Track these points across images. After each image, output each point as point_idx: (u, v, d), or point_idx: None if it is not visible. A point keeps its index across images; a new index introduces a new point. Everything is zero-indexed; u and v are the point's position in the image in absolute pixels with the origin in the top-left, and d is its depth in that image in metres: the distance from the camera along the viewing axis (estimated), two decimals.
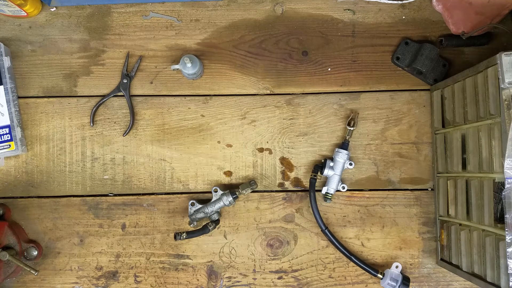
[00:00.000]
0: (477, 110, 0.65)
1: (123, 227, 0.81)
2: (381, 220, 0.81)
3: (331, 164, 0.79)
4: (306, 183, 0.82)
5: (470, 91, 0.67)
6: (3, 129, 0.78)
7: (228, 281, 0.81)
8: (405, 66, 0.81)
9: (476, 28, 0.77)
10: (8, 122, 0.78)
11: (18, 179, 0.82)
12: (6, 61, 0.79)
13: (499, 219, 0.62)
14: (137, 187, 0.82)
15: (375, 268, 0.78)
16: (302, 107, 0.82)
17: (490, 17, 0.77)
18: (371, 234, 0.81)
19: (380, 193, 0.82)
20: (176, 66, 0.78)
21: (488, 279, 0.62)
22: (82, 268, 0.81)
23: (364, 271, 0.79)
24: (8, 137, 0.78)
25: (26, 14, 0.80)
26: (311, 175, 0.79)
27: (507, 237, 0.56)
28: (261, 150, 0.82)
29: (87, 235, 0.81)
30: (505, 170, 0.56)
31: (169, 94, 0.83)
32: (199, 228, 0.77)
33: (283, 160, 0.82)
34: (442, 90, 0.77)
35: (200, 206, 0.78)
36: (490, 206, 0.62)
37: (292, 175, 0.82)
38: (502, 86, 0.58)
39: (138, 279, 0.81)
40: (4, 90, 0.78)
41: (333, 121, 0.82)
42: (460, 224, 0.71)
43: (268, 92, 0.83)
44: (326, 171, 0.78)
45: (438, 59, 0.80)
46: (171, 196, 0.82)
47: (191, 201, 0.78)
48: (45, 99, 0.82)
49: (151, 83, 0.83)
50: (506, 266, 0.56)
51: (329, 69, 0.82)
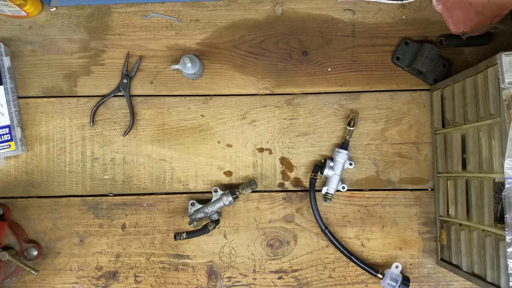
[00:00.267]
0: (477, 110, 0.65)
1: (123, 227, 0.81)
2: (381, 220, 0.81)
3: (331, 164, 0.79)
4: (306, 183, 0.82)
5: (470, 91, 0.67)
6: (3, 129, 0.78)
7: (228, 281, 0.81)
8: (405, 66, 0.81)
9: (476, 28, 0.77)
10: (8, 122, 0.78)
11: (18, 179, 0.82)
12: (6, 61, 0.79)
13: (499, 219, 0.62)
14: (137, 187, 0.82)
15: (375, 268, 0.78)
16: (302, 107, 0.82)
17: (490, 17, 0.77)
18: (371, 234, 0.81)
19: (380, 193, 0.82)
20: (176, 66, 0.78)
21: (488, 279, 0.62)
22: (82, 268, 0.81)
23: (364, 271, 0.79)
24: (8, 137, 0.78)
25: (26, 14, 0.80)
26: (311, 175, 0.79)
27: (507, 237, 0.56)
28: (261, 150, 0.82)
29: (87, 235, 0.81)
30: (505, 170, 0.56)
31: (169, 94, 0.83)
32: (199, 228, 0.77)
33: (283, 160, 0.82)
34: (442, 90, 0.77)
35: (200, 206, 0.78)
36: (490, 206, 0.62)
37: (292, 175, 0.82)
38: (502, 86, 0.58)
39: (138, 279, 0.81)
40: (4, 90, 0.78)
41: (333, 121, 0.82)
42: (460, 224, 0.71)
43: (268, 92, 0.83)
44: (326, 171, 0.78)
45: (438, 59, 0.80)
46: (171, 196, 0.82)
47: (191, 201, 0.78)
48: (45, 99, 0.82)
49: (151, 83, 0.83)
50: (506, 266, 0.56)
51: (329, 69, 0.82)
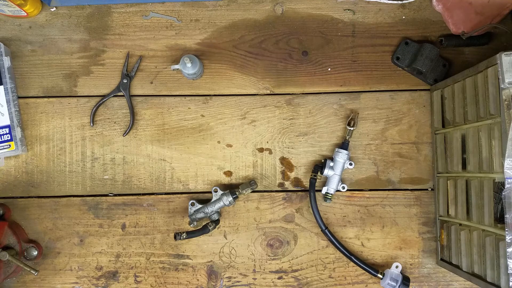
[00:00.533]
0: (477, 110, 0.65)
1: (123, 227, 0.81)
2: (381, 220, 0.81)
3: (331, 164, 0.79)
4: (306, 183, 0.82)
5: (470, 91, 0.67)
6: (3, 129, 0.78)
7: (228, 281, 0.81)
8: (405, 66, 0.81)
9: (476, 28, 0.77)
10: (8, 122, 0.78)
11: (18, 179, 0.82)
12: (6, 61, 0.79)
13: (499, 219, 0.62)
14: (137, 187, 0.82)
15: (375, 268, 0.78)
16: (302, 107, 0.82)
17: (490, 17, 0.77)
18: (371, 234, 0.81)
19: (380, 193, 0.82)
20: (176, 66, 0.78)
21: (488, 279, 0.62)
22: (82, 268, 0.81)
23: (364, 271, 0.79)
24: (8, 137, 0.78)
25: (26, 14, 0.80)
26: (311, 175, 0.79)
27: (507, 237, 0.56)
28: (261, 150, 0.82)
29: (87, 235, 0.81)
30: (505, 170, 0.56)
31: (169, 94, 0.83)
32: (199, 228, 0.77)
33: (283, 160, 0.82)
34: (442, 90, 0.77)
35: (200, 206, 0.78)
36: (490, 206, 0.62)
37: (292, 175, 0.82)
38: (502, 86, 0.58)
39: (138, 279, 0.81)
40: (4, 90, 0.78)
41: (333, 121, 0.82)
42: (460, 224, 0.71)
43: (268, 92, 0.83)
44: (326, 171, 0.78)
45: (438, 59, 0.80)
46: (171, 196, 0.82)
47: (191, 201, 0.78)
48: (45, 99, 0.82)
49: (151, 83, 0.83)
50: (506, 266, 0.56)
51: (329, 69, 0.82)
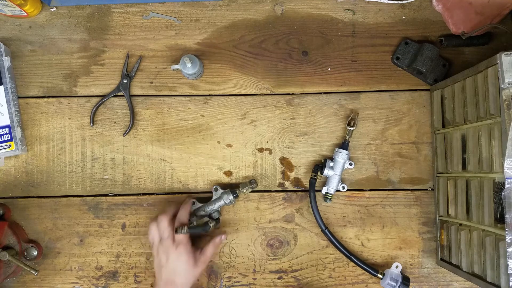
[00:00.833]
0: (477, 110, 0.65)
1: (123, 227, 0.81)
2: (381, 220, 0.81)
3: (331, 164, 0.79)
4: (306, 183, 0.82)
5: (470, 91, 0.67)
6: (3, 129, 0.78)
7: (228, 281, 0.81)
8: (405, 66, 0.81)
9: (476, 28, 0.77)
10: (8, 122, 0.78)
11: (18, 179, 0.82)
12: (6, 61, 0.79)
13: (499, 219, 0.62)
14: (137, 187, 0.82)
15: (375, 268, 0.78)
16: (302, 107, 0.82)
17: (490, 17, 0.77)
18: (371, 234, 0.81)
19: (380, 193, 0.82)
20: (176, 66, 0.78)
21: (488, 279, 0.62)
22: (82, 268, 0.81)
23: (364, 271, 0.79)
24: (8, 137, 0.78)
25: (26, 14, 0.80)
26: (311, 175, 0.79)
27: (507, 237, 0.56)
28: (261, 150, 0.82)
29: (87, 235, 0.81)
30: (505, 170, 0.56)
31: (169, 94, 0.83)
32: (199, 224, 0.76)
33: (283, 160, 0.82)
34: (442, 90, 0.77)
35: (201, 205, 0.77)
36: (490, 206, 0.62)
37: (292, 175, 0.82)
38: (502, 86, 0.58)
39: (138, 279, 0.81)
40: (4, 90, 0.78)
41: (333, 121, 0.82)
42: (460, 224, 0.71)
43: (268, 92, 0.83)
44: (326, 171, 0.78)
45: (438, 59, 0.80)
46: (171, 196, 0.82)
47: (192, 200, 0.78)
48: (45, 99, 0.82)
49: (151, 83, 0.83)
50: (506, 266, 0.56)
51: (329, 69, 0.82)
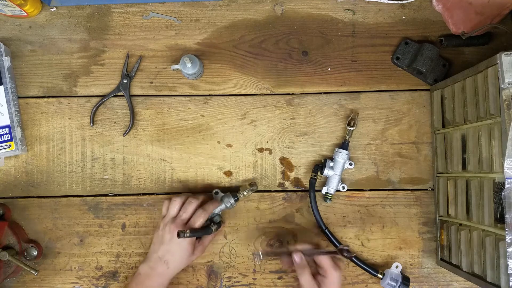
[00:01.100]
0: (477, 110, 0.65)
1: (123, 227, 0.81)
2: (381, 220, 0.81)
3: (331, 164, 0.79)
4: (306, 183, 0.82)
5: (470, 91, 0.67)
6: (3, 129, 0.78)
7: (228, 281, 0.81)
8: (405, 66, 0.81)
9: (476, 28, 0.77)
10: (8, 122, 0.78)
11: (18, 179, 0.82)
12: (6, 61, 0.79)
13: (499, 219, 0.62)
14: (137, 187, 0.82)
15: (375, 268, 0.78)
16: (302, 107, 0.82)
17: (490, 17, 0.77)
18: (371, 234, 0.81)
19: (380, 193, 0.82)
20: (176, 66, 0.78)
21: (488, 279, 0.62)
22: (82, 268, 0.81)
23: (364, 271, 0.79)
24: (8, 137, 0.78)
25: (26, 14, 0.80)
26: (311, 175, 0.79)
27: (507, 237, 0.56)
28: (261, 150, 0.82)
29: (87, 235, 0.81)
30: (505, 170, 0.56)
31: (169, 94, 0.83)
32: (202, 227, 0.75)
33: (283, 160, 0.82)
34: (442, 90, 0.77)
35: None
36: (490, 206, 0.62)
37: (292, 175, 0.82)
38: (502, 86, 0.58)
39: None
40: (4, 90, 0.78)
41: (333, 121, 0.82)
42: (460, 224, 0.71)
43: (268, 92, 0.83)
44: (326, 171, 0.78)
45: (438, 59, 0.80)
46: (171, 196, 0.81)
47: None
48: (45, 99, 0.82)
49: (151, 83, 0.83)
50: (506, 266, 0.56)
51: (329, 69, 0.82)
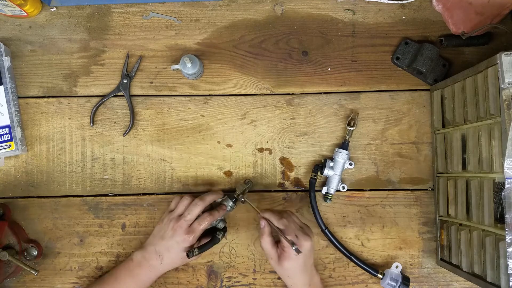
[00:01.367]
0: (477, 110, 0.65)
1: (123, 227, 0.81)
2: (381, 220, 0.81)
3: (331, 164, 0.79)
4: (306, 183, 0.82)
5: (470, 91, 0.67)
6: (3, 129, 0.78)
7: (228, 281, 0.81)
8: (405, 66, 0.81)
9: (476, 28, 0.77)
10: (8, 122, 0.78)
11: (18, 179, 0.82)
12: (6, 61, 0.79)
13: (499, 219, 0.62)
14: (137, 187, 0.82)
15: (375, 268, 0.78)
16: (302, 107, 0.82)
17: (490, 17, 0.77)
18: (371, 234, 0.81)
19: (380, 193, 0.82)
20: (176, 66, 0.78)
21: (488, 279, 0.62)
22: (82, 268, 0.81)
23: (364, 271, 0.79)
24: (8, 137, 0.78)
25: (26, 14, 0.80)
26: (311, 175, 0.79)
27: (507, 237, 0.56)
28: (261, 150, 0.82)
29: (87, 235, 0.81)
30: (505, 170, 0.56)
31: (169, 94, 0.83)
32: (208, 240, 0.74)
33: (283, 160, 0.82)
34: (442, 90, 0.77)
35: None
36: (490, 206, 0.62)
37: (292, 175, 0.82)
38: (502, 86, 0.58)
39: None
40: (4, 90, 0.78)
41: (333, 121, 0.82)
42: (460, 224, 0.71)
43: (268, 92, 0.83)
44: (326, 171, 0.78)
45: (438, 59, 0.80)
46: (171, 196, 0.82)
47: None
48: (45, 99, 0.82)
49: (151, 83, 0.83)
50: (506, 266, 0.56)
51: (329, 69, 0.82)
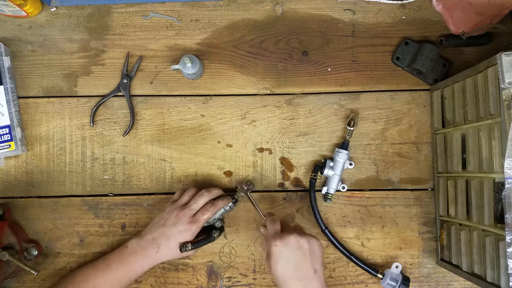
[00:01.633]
0: (477, 110, 0.65)
1: (123, 227, 0.81)
2: (381, 220, 0.81)
3: (331, 164, 0.79)
4: (306, 183, 0.82)
5: (470, 91, 0.67)
6: (3, 129, 0.78)
7: (228, 281, 0.81)
8: (405, 66, 0.81)
9: (476, 28, 0.77)
10: (8, 122, 0.78)
11: (18, 179, 0.82)
12: (6, 61, 0.79)
13: (499, 219, 0.62)
14: (137, 187, 0.82)
15: (375, 268, 0.78)
16: (302, 107, 0.82)
17: (490, 17, 0.77)
18: (371, 234, 0.81)
19: (380, 193, 0.82)
20: (176, 66, 0.78)
21: (488, 279, 0.62)
22: None
23: (364, 271, 0.79)
24: (8, 137, 0.78)
25: (26, 14, 0.80)
26: (311, 175, 0.79)
27: (507, 237, 0.56)
28: (261, 150, 0.82)
29: (87, 235, 0.81)
30: (505, 170, 0.56)
31: (169, 94, 0.83)
32: (203, 237, 0.75)
33: (283, 160, 0.82)
34: (442, 90, 0.77)
35: None
36: (490, 206, 0.62)
37: (292, 175, 0.82)
38: (502, 86, 0.58)
39: (138, 279, 0.81)
40: (4, 90, 0.78)
41: (333, 121, 0.82)
42: (460, 224, 0.71)
43: (268, 92, 0.83)
44: (326, 171, 0.78)
45: (438, 59, 0.80)
46: (171, 196, 0.81)
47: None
48: (45, 99, 0.82)
49: (151, 83, 0.83)
50: (506, 266, 0.56)
51: (329, 69, 0.82)
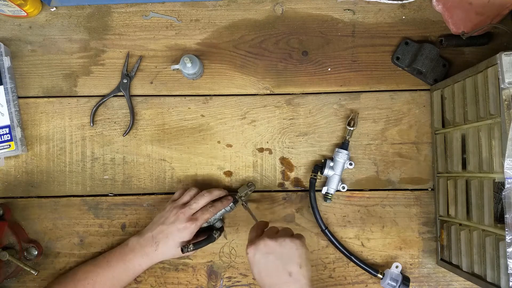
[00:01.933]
0: (477, 110, 0.65)
1: (123, 227, 0.81)
2: (381, 220, 0.81)
3: (331, 164, 0.79)
4: (306, 183, 0.82)
5: (470, 91, 0.67)
6: (3, 129, 0.78)
7: (228, 281, 0.81)
8: (405, 66, 0.81)
9: (476, 28, 0.77)
10: (8, 122, 0.78)
11: (18, 179, 0.82)
12: (6, 61, 0.79)
13: (499, 219, 0.62)
14: (137, 187, 0.82)
15: (375, 268, 0.78)
16: (302, 107, 0.82)
17: (490, 17, 0.77)
18: (371, 234, 0.81)
19: (380, 193, 0.82)
20: (176, 66, 0.78)
21: (488, 279, 0.62)
22: None
23: (364, 271, 0.79)
24: (8, 137, 0.78)
25: (26, 14, 0.80)
26: (311, 175, 0.79)
27: (507, 237, 0.56)
28: (261, 150, 0.82)
29: (87, 235, 0.81)
30: (505, 170, 0.56)
31: (169, 94, 0.83)
32: (204, 238, 0.75)
33: (283, 160, 0.82)
34: (442, 90, 0.77)
35: None
36: (490, 206, 0.62)
37: (292, 175, 0.82)
38: (502, 86, 0.58)
39: (138, 279, 0.81)
40: (4, 90, 0.78)
41: (333, 121, 0.82)
42: (460, 224, 0.71)
43: (268, 92, 0.83)
44: (326, 171, 0.78)
45: (438, 59, 0.80)
46: (171, 196, 0.81)
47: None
48: (45, 99, 0.82)
49: (151, 83, 0.83)
50: (506, 266, 0.56)
51: (329, 69, 0.82)
